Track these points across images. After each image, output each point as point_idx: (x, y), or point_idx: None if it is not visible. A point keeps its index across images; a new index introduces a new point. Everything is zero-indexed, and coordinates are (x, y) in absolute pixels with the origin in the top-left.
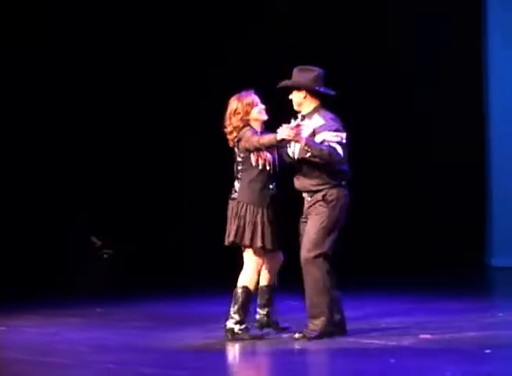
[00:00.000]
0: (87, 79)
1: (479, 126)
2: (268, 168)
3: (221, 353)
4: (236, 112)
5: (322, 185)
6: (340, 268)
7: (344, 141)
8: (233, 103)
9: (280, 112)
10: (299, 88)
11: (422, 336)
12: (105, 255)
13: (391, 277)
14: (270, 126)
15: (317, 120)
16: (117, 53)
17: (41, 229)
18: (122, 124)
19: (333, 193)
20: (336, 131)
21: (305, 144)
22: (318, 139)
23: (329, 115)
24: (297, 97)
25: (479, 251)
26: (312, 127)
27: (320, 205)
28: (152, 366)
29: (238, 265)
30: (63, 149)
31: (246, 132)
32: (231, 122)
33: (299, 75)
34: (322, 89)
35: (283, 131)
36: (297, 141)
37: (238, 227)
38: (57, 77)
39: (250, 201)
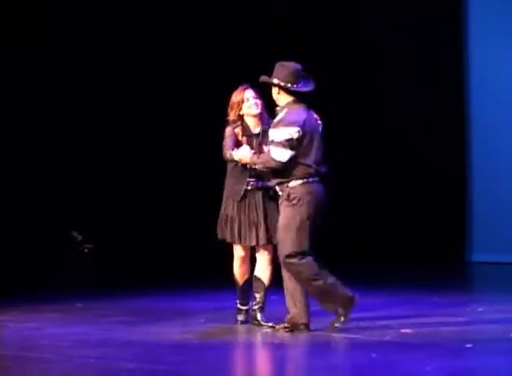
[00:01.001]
0: (87, 79)
1: (462, 127)
2: (239, 165)
3: (201, 347)
4: (231, 107)
5: (284, 180)
6: (340, 268)
7: (295, 136)
8: (231, 99)
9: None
10: (274, 84)
11: (403, 331)
12: (85, 250)
13: (379, 275)
14: None
15: (281, 114)
16: (117, 53)
17: (23, 225)
18: (122, 124)
19: (295, 192)
20: (287, 125)
21: (250, 164)
22: (270, 134)
23: (294, 110)
24: (273, 92)
25: (460, 248)
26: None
27: (286, 206)
28: (132, 361)
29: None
30: (62, 148)
31: (226, 131)
32: (229, 116)
33: (276, 71)
34: (295, 86)
35: (237, 155)
36: (246, 162)
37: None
38: (57, 77)
39: (225, 194)
